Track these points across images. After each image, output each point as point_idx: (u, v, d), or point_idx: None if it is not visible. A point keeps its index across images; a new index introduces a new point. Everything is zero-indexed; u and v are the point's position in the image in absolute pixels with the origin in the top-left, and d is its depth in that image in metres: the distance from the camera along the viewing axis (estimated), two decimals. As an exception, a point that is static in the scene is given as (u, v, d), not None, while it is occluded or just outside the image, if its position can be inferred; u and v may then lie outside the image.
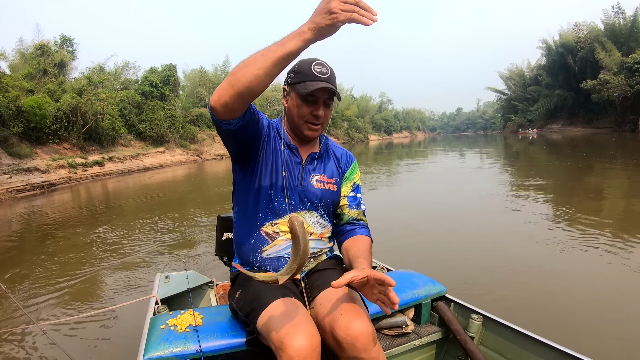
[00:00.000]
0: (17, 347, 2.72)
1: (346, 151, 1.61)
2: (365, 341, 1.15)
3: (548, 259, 3.87)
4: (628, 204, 6.28)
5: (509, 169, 12.92)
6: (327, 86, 1.31)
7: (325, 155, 1.52)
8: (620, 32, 36.86)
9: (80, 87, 21.06)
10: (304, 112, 1.37)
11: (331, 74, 1.36)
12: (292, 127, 1.44)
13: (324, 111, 1.38)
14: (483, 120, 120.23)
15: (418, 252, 4.36)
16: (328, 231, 1.50)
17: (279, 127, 1.47)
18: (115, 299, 3.52)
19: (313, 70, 1.33)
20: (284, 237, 1.40)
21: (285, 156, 1.42)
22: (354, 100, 70.23)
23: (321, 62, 1.35)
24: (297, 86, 1.34)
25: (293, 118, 1.40)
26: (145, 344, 1.33)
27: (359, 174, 1.59)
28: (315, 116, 1.37)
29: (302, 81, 1.33)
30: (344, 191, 1.53)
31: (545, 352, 1.39)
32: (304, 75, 1.33)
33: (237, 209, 1.51)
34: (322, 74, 1.33)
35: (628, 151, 16.46)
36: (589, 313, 2.79)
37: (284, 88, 1.43)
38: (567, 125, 44.25)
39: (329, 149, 1.55)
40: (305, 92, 1.31)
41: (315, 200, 1.45)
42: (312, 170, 1.47)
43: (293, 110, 1.39)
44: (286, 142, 1.44)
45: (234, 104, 1.11)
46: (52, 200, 11.83)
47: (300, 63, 1.37)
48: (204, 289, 2.18)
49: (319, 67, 1.34)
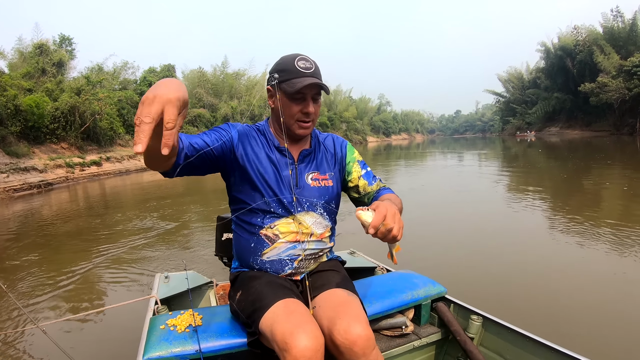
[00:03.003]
0: (16, 347, 2.71)
1: (334, 137, 1.59)
2: (363, 345, 1.14)
3: (548, 259, 3.88)
4: (626, 205, 6.29)
5: (507, 170, 12.94)
6: (315, 82, 1.29)
7: (316, 149, 1.50)
8: (619, 36, 36.97)
9: (79, 87, 21.03)
10: (294, 110, 1.34)
11: (316, 67, 1.34)
12: (282, 127, 1.40)
13: (314, 107, 1.36)
14: (482, 122, 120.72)
15: (418, 253, 4.35)
16: (328, 230, 1.49)
17: (266, 130, 1.45)
18: (114, 298, 3.51)
19: (297, 66, 1.30)
20: (284, 239, 1.39)
21: (275, 159, 1.40)
22: (353, 101, 70.27)
23: (304, 57, 1.33)
24: (283, 85, 1.32)
25: (282, 118, 1.37)
26: (144, 344, 1.33)
27: (357, 152, 1.59)
28: (306, 113, 1.34)
29: (288, 79, 1.30)
30: (356, 172, 1.52)
31: (545, 353, 1.38)
32: (289, 72, 1.30)
33: (234, 214, 1.49)
34: (307, 70, 1.31)
35: (625, 155, 16.49)
36: (589, 314, 2.79)
37: (269, 89, 1.39)
38: (565, 128, 44.38)
39: (319, 141, 1.53)
40: (292, 90, 1.29)
41: (314, 199, 1.43)
42: (306, 168, 1.45)
43: (282, 110, 1.35)
44: (275, 144, 1.42)
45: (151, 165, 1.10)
46: (49, 199, 11.81)
47: (283, 60, 1.34)
48: (204, 289, 2.17)
49: (303, 62, 1.31)
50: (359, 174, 1.52)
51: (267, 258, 1.40)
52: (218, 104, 36.60)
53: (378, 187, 1.52)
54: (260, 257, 1.41)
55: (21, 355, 2.60)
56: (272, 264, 1.40)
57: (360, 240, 4.81)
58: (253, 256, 1.42)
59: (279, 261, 1.40)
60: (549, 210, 6.20)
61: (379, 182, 1.54)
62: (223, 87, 39.12)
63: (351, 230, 5.03)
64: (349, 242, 4.06)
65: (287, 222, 1.39)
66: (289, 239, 1.39)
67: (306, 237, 1.41)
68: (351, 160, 1.55)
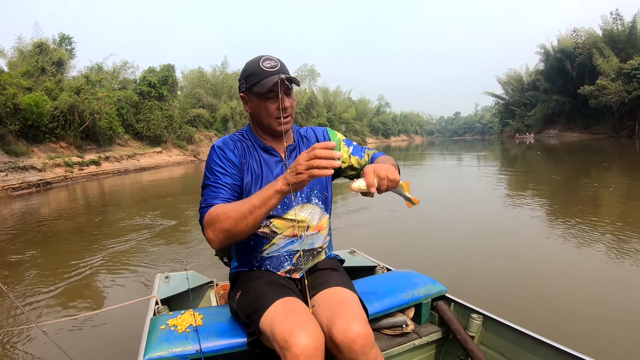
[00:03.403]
0: (16, 346, 2.70)
1: (314, 128, 1.61)
2: (363, 344, 1.15)
3: (548, 259, 3.89)
4: (625, 206, 6.31)
5: (506, 172, 12.96)
6: (283, 77, 1.30)
7: (300, 143, 1.52)
8: (619, 39, 36.99)
9: (78, 86, 20.97)
10: (270, 109, 1.35)
11: (281, 64, 1.35)
12: (263, 128, 1.43)
13: (289, 101, 1.37)
14: (481, 124, 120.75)
15: (417, 253, 4.36)
16: (325, 220, 1.51)
17: (250, 135, 1.47)
18: (115, 298, 3.50)
19: (263, 67, 1.32)
20: (281, 234, 1.41)
21: (265, 160, 1.43)
22: (352, 103, 70.34)
23: (267, 57, 1.35)
24: (254, 88, 1.33)
25: (262, 119, 1.39)
26: (145, 344, 1.33)
27: (339, 133, 1.60)
28: (283, 109, 1.36)
29: (257, 82, 1.32)
30: (345, 152, 1.54)
31: (545, 351, 1.39)
32: (257, 75, 1.32)
33: None
34: (273, 68, 1.32)
35: (624, 158, 16.52)
36: (590, 313, 2.80)
37: (242, 96, 1.42)
38: (564, 130, 44.39)
39: (301, 135, 1.55)
40: (264, 90, 1.31)
41: (307, 190, 1.45)
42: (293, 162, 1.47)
43: (259, 112, 1.38)
44: (260, 145, 1.44)
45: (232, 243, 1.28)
46: (48, 198, 11.79)
47: (248, 66, 1.36)
48: (204, 289, 2.17)
49: (268, 62, 1.33)
50: (348, 153, 1.54)
51: (267, 254, 1.42)
52: (217, 104, 36.57)
53: (369, 156, 1.54)
54: (260, 254, 1.43)
55: (21, 354, 2.59)
56: (272, 261, 1.42)
57: (360, 240, 4.83)
58: (253, 254, 1.44)
59: (277, 257, 1.42)
60: (548, 211, 6.21)
61: (368, 151, 1.56)
62: (222, 88, 39.07)
63: (353, 226, 5.03)
64: (349, 241, 4.07)
65: (283, 218, 1.41)
66: (287, 234, 1.41)
67: (303, 231, 1.43)
68: (337, 143, 1.56)
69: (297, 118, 43.00)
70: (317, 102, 53.70)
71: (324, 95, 62.69)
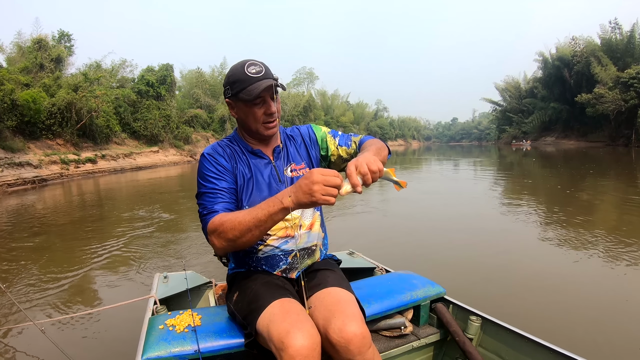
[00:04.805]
0: (14, 345, 2.68)
1: (298, 127, 1.62)
2: (359, 344, 1.15)
3: (547, 262, 3.90)
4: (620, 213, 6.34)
5: (503, 178, 13.00)
6: (269, 83, 1.30)
7: (287, 144, 1.53)
8: (617, 47, 37.25)
9: (76, 83, 20.97)
10: (257, 115, 1.36)
11: (266, 69, 1.35)
12: (251, 133, 1.44)
13: (275, 106, 1.37)
14: (478, 130, 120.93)
15: (417, 254, 4.36)
16: (316, 217, 1.52)
17: (237, 140, 1.48)
18: (113, 298, 3.46)
19: (249, 73, 1.32)
20: (275, 235, 1.42)
21: (254, 163, 1.44)
22: (350, 106, 70.52)
23: (252, 62, 1.35)
24: (240, 95, 1.33)
25: (249, 125, 1.40)
26: (143, 344, 1.33)
27: (323, 127, 1.61)
28: (270, 114, 1.37)
29: (243, 88, 1.32)
30: (332, 145, 1.55)
31: (543, 353, 1.39)
32: (242, 82, 1.32)
33: None
34: (258, 74, 1.32)
35: (620, 166, 16.61)
36: (588, 315, 2.81)
37: (228, 102, 1.42)
38: (561, 138, 44.62)
39: (287, 135, 1.57)
40: (250, 97, 1.31)
41: None
42: (282, 164, 1.48)
43: (246, 118, 1.39)
44: (248, 149, 1.46)
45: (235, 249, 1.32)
46: (43, 195, 11.73)
47: (233, 72, 1.36)
48: (203, 289, 2.16)
49: (253, 67, 1.33)
50: (335, 144, 1.55)
51: (262, 254, 1.43)
52: (215, 104, 36.59)
53: (356, 143, 1.54)
54: (255, 255, 1.44)
55: (19, 354, 2.57)
56: (267, 260, 1.43)
57: (359, 241, 4.83)
58: (248, 255, 1.45)
59: (273, 257, 1.43)
60: (545, 216, 6.23)
61: (354, 138, 1.57)
62: (221, 89, 38.84)
63: (352, 227, 5.03)
64: (348, 242, 4.07)
65: None
66: (280, 234, 1.42)
67: (296, 230, 1.44)
68: (322, 136, 1.57)
69: (294, 120, 43.06)
70: (315, 105, 53.84)
71: (322, 98, 62.87)
